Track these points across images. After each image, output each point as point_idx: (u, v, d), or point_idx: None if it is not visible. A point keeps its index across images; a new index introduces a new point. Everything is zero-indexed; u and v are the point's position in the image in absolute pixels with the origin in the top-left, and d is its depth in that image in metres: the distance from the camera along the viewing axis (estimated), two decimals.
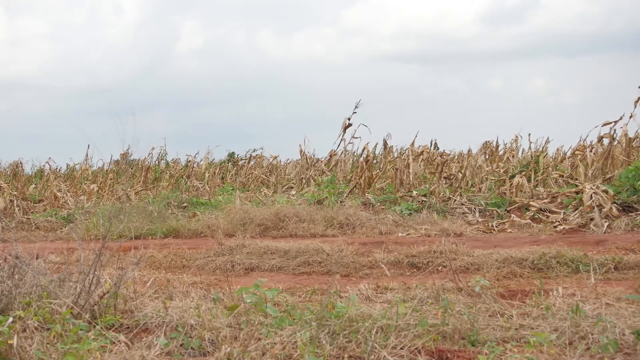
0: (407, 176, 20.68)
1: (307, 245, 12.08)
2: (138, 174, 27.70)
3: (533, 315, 6.90)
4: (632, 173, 16.41)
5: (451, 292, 7.99)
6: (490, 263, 10.54)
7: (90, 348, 5.49)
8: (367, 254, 11.74)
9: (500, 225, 15.80)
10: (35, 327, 6.07)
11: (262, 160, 31.13)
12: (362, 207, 17.69)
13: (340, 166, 25.55)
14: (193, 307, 6.74)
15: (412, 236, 14.31)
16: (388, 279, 9.76)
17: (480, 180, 21.91)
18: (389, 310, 6.57)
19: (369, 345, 5.53)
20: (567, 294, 7.88)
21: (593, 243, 12.48)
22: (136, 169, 28.89)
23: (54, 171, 29.35)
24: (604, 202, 15.45)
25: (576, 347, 5.79)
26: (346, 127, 24.00)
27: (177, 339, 5.89)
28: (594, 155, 21.35)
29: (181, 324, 6.25)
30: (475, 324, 6.38)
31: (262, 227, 15.47)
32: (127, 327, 6.47)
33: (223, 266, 11.27)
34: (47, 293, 6.70)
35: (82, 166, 30.20)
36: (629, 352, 5.67)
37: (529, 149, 26.69)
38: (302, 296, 8.53)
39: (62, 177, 28.89)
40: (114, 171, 28.34)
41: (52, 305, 6.49)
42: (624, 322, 6.34)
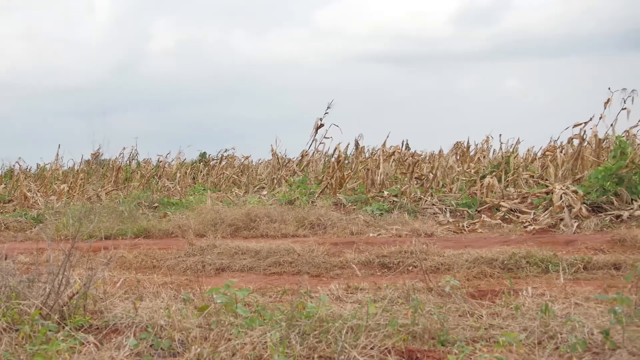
0: (379, 176, 20.71)
1: (278, 246, 12.07)
2: (109, 174, 27.58)
3: (503, 315, 6.93)
4: (602, 174, 16.51)
5: (421, 292, 8.01)
6: (461, 263, 10.57)
7: (59, 349, 5.47)
8: (338, 254, 11.74)
9: (470, 226, 15.86)
10: (4, 328, 6.04)
11: (233, 161, 31.09)
12: (334, 207, 17.70)
13: (312, 166, 25.55)
14: (163, 307, 6.72)
15: (383, 236, 14.33)
16: (359, 279, 9.77)
17: (451, 180, 21.97)
18: (360, 310, 6.59)
19: (339, 346, 5.53)
20: (537, 294, 7.92)
21: (563, 243, 12.54)
22: (107, 169, 28.76)
23: (24, 171, 29.09)
24: (573, 202, 15.54)
25: (545, 346, 5.83)
26: (318, 128, 24.03)
27: (147, 340, 5.87)
28: (564, 156, 21.49)
29: (151, 325, 6.23)
30: (445, 323, 6.40)
31: (233, 227, 15.45)
32: (96, 328, 6.44)
33: (194, 266, 11.24)
34: (15, 294, 6.66)
35: (52, 166, 29.95)
36: (597, 352, 5.71)
37: (499, 150, 26.80)
38: (273, 296, 8.53)
39: (32, 177, 28.69)
40: (85, 171, 28.16)
41: (21, 306, 6.45)
42: (592, 321, 6.38)
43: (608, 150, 20.60)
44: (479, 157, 26.35)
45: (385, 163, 21.87)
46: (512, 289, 8.00)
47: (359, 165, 23.74)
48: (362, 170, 22.12)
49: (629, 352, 5.64)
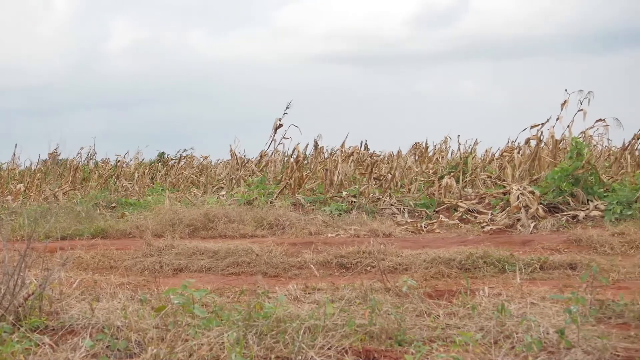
0: (337, 177, 20.73)
1: (236, 246, 12.05)
2: (66, 174, 27.34)
3: (459, 314, 6.98)
4: (558, 174, 16.66)
5: (379, 292, 8.03)
6: (419, 263, 10.61)
7: (14, 350, 5.43)
8: (296, 255, 11.74)
9: (428, 226, 15.92)
10: None
11: (192, 161, 31.02)
12: (292, 207, 17.69)
13: (271, 167, 25.51)
14: (120, 308, 6.69)
15: (342, 236, 14.35)
16: (317, 280, 9.78)
17: (409, 181, 22.04)
18: (317, 310, 6.59)
19: (296, 346, 5.54)
20: (493, 294, 7.98)
21: (519, 243, 12.64)
22: (64, 169, 28.52)
23: None
24: (530, 202, 15.66)
25: (501, 346, 5.87)
26: (277, 128, 24.00)
27: (103, 341, 5.83)
28: (522, 157, 21.65)
29: (107, 326, 6.19)
30: (403, 323, 6.43)
31: (191, 227, 15.39)
32: (52, 329, 6.39)
33: (151, 267, 11.18)
34: None
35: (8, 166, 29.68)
36: (552, 351, 5.76)
37: (458, 151, 26.95)
38: (231, 297, 8.51)
39: None
40: (42, 171, 27.90)
41: None
42: (548, 321, 6.44)
43: (565, 151, 20.78)
44: (438, 157, 26.46)
45: (344, 163, 21.90)
46: (469, 288, 8.06)
47: (318, 165, 23.72)
48: (321, 170, 22.12)
49: (583, 351, 5.69)
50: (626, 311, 7.05)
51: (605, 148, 26.18)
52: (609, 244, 11.89)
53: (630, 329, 6.60)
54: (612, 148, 26.22)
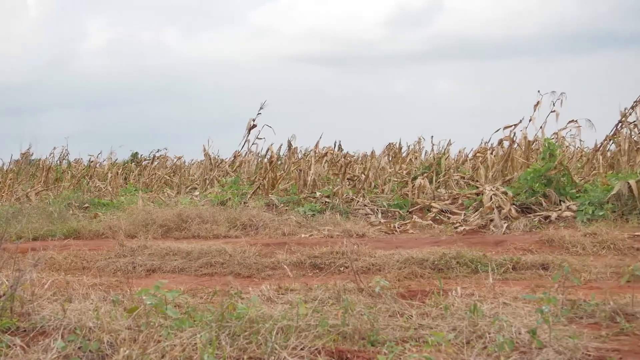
0: (311, 177, 20.73)
1: (209, 247, 12.02)
2: (39, 174, 27.24)
3: (432, 315, 7.00)
4: (531, 175, 16.74)
5: (352, 292, 8.03)
6: (392, 264, 10.63)
7: None
8: (269, 255, 11.73)
9: (402, 226, 15.95)
10: None
11: (165, 161, 30.96)
12: (266, 208, 17.67)
13: (245, 167, 25.52)
14: (92, 309, 6.64)
15: (315, 237, 14.35)
16: (290, 280, 9.78)
17: (383, 181, 22.07)
18: (290, 311, 6.60)
19: (269, 346, 5.54)
20: (466, 294, 8.01)
21: (492, 244, 12.69)
22: (37, 169, 28.39)
23: None
24: (503, 203, 15.72)
25: (473, 346, 5.89)
26: (251, 128, 23.97)
27: (75, 342, 5.80)
28: (495, 158, 21.75)
29: (79, 327, 6.15)
30: (375, 324, 6.44)
31: (164, 228, 15.35)
32: (23, 331, 6.35)
33: (124, 268, 11.14)
34: None
35: None
36: (524, 351, 5.79)
37: (431, 151, 27.00)
38: (204, 297, 8.48)
39: None
40: (14, 171, 27.71)
41: None
42: (520, 321, 6.47)
43: (537, 152, 20.90)
44: (411, 158, 26.51)
45: (317, 164, 21.91)
46: (442, 289, 8.09)
47: (292, 166, 23.71)
48: (295, 171, 22.09)
49: (555, 351, 5.72)
50: (597, 311, 7.10)
51: (578, 149, 26.38)
52: (581, 244, 11.95)
53: (602, 329, 6.64)
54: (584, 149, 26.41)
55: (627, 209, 14.96)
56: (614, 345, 6.12)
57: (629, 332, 6.52)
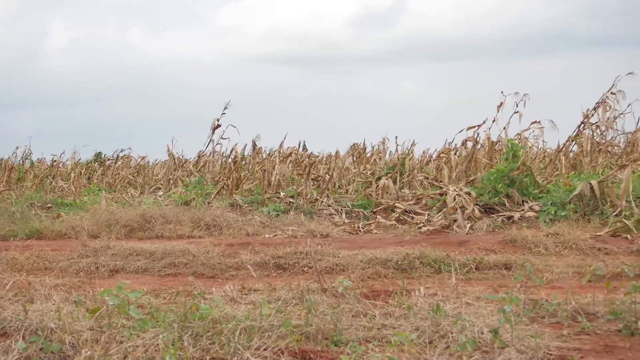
0: (275, 177, 20.72)
1: (173, 247, 11.98)
2: (1, 174, 26.98)
3: (395, 315, 7.02)
4: (494, 175, 16.82)
5: (316, 292, 8.03)
6: (356, 264, 10.64)
7: None
8: (233, 255, 11.72)
9: (366, 227, 15.97)
10: None
11: (129, 161, 30.81)
12: (230, 208, 17.63)
13: (209, 167, 25.46)
14: (54, 310, 6.60)
15: (279, 237, 14.33)
16: (254, 280, 9.77)
17: (347, 182, 22.07)
18: (253, 311, 6.60)
19: (232, 347, 5.53)
20: (429, 294, 8.05)
21: (456, 244, 12.74)
22: None
23: None
24: (466, 203, 15.79)
25: (436, 345, 5.91)
26: (215, 128, 23.92)
27: (37, 343, 5.77)
28: (458, 158, 21.82)
29: (41, 328, 6.11)
30: (339, 324, 6.45)
31: (127, 228, 15.27)
32: None
33: (87, 268, 11.08)
34: None
35: None
36: (486, 350, 5.82)
37: (395, 152, 27.11)
38: (167, 298, 8.45)
39: None
40: None
41: None
42: (482, 320, 6.51)
43: (501, 152, 21.02)
44: (375, 158, 26.59)
45: (282, 164, 21.91)
46: (405, 289, 8.11)
47: (256, 166, 23.69)
48: (259, 171, 22.09)
49: (517, 350, 5.76)
50: (559, 310, 7.16)
51: (541, 150, 26.59)
52: (544, 244, 12.02)
53: (563, 328, 6.70)
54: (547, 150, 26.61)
55: (589, 210, 15.08)
56: (575, 345, 6.17)
57: (590, 332, 6.57)
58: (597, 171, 19.51)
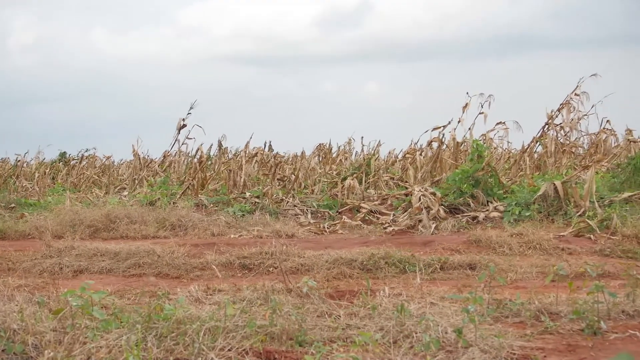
0: (241, 178, 20.70)
1: (138, 247, 11.93)
2: None
3: (360, 315, 7.05)
4: (459, 176, 16.90)
5: (281, 293, 8.05)
6: (321, 264, 10.65)
7: None
8: (198, 256, 11.69)
9: (331, 227, 15.98)
10: None
11: (94, 161, 30.66)
12: (195, 208, 17.59)
13: (174, 167, 25.40)
14: (17, 311, 6.55)
15: (245, 237, 14.31)
16: (219, 281, 9.76)
17: (313, 182, 22.12)
18: (218, 311, 6.58)
19: (196, 347, 5.52)
20: (394, 294, 8.08)
21: (421, 244, 12.78)
22: None
23: None
24: (432, 204, 15.84)
25: (400, 345, 5.94)
26: (181, 128, 23.88)
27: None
28: (424, 159, 21.91)
29: (4, 329, 6.06)
30: (303, 324, 6.46)
31: (92, 228, 15.19)
32: None
33: (51, 269, 11.00)
34: None
35: None
36: (450, 350, 5.85)
37: (361, 152, 27.16)
38: (132, 298, 8.42)
39: None
40: None
41: None
42: (446, 320, 6.54)
43: (466, 153, 21.14)
44: (341, 159, 26.66)
45: (247, 164, 21.90)
46: (370, 289, 8.13)
47: (222, 166, 23.66)
48: (225, 171, 22.06)
49: (480, 350, 5.79)
50: (522, 310, 7.20)
51: (505, 150, 26.75)
52: (508, 244, 12.09)
53: (526, 328, 6.74)
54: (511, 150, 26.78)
55: (553, 210, 15.17)
56: (538, 344, 6.21)
57: (553, 331, 6.62)
58: (561, 172, 19.71)
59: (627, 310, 7.09)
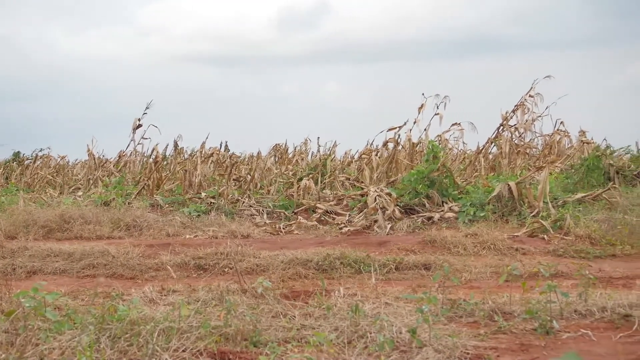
0: (197, 178, 20.63)
1: (92, 248, 11.86)
2: None
3: (315, 315, 7.05)
4: (414, 177, 16.97)
5: (235, 293, 8.04)
6: (276, 264, 10.66)
7: None
8: (153, 256, 11.64)
9: (287, 227, 15.97)
10: None
11: (49, 160, 30.37)
12: (150, 208, 17.51)
13: (130, 167, 25.25)
14: None
15: (200, 238, 14.26)
16: (174, 281, 9.70)
17: (269, 182, 22.11)
18: (172, 312, 6.56)
19: (149, 348, 5.49)
20: (349, 294, 8.09)
21: (376, 244, 12.82)
22: None
23: None
24: (387, 204, 15.88)
25: (355, 345, 5.95)
26: (136, 128, 23.72)
27: None
28: (380, 159, 21.97)
29: None
30: (258, 325, 6.46)
31: (46, 229, 15.05)
32: None
33: (3, 269, 10.89)
34: None
35: None
36: (405, 350, 5.87)
37: (317, 152, 27.17)
38: (85, 299, 8.36)
39: None
40: None
41: None
42: (401, 320, 6.58)
43: (421, 154, 21.22)
44: (297, 159, 26.64)
45: (203, 164, 21.84)
46: (325, 289, 8.15)
47: (178, 166, 23.57)
48: (181, 171, 21.97)
49: (434, 350, 5.82)
50: (476, 310, 7.25)
51: (460, 151, 26.88)
52: (462, 244, 12.17)
53: (480, 327, 6.79)
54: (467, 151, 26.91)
55: (507, 210, 15.29)
56: (491, 344, 6.25)
57: (507, 330, 6.66)
58: (516, 173, 19.84)
59: (580, 309, 7.16)
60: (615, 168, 18.39)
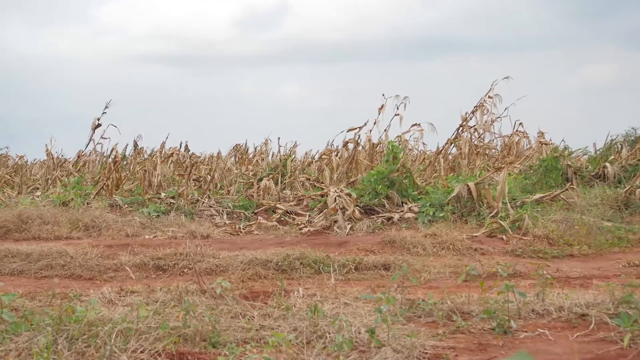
0: (156, 178, 20.55)
1: (50, 248, 11.75)
2: None
3: (274, 315, 7.05)
4: (374, 177, 17.03)
5: (195, 294, 8.01)
6: (236, 265, 10.65)
7: None
8: (112, 257, 11.58)
9: (247, 228, 15.96)
10: None
11: (7, 160, 30.13)
12: (109, 209, 17.40)
13: (89, 167, 25.11)
14: None
15: (159, 238, 14.20)
16: (133, 282, 9.67)
17: (229, 182, 22.07)
18: (131, 313, 6.53)
19: (107, 350, 5.47)
20: (308, 295, 8.09)
21: (336, 245, 12.85)
22: None
23: None
24: (347, 205, 15.92)
25: (314, 346, 5.96)
26: (95, 127, 23.57)
27: None
28: (340, 160, 22.01)
29: None
30: (217, 325, 6.45)
31: (3, 229, 14.91)
32: None
33: None
34: None
35: None
36: (363, 350, 5.89)
37: (278, 153, 27.18)
38: (43, 301, 8.30)
39: None
40: None
41: None
42: (360, 320, 6.60)
43: (381, 154, 21.30)
44: (258, 159, 26.65)
45: (163, 164, 21.75)
46: (285, 289, 8.15)
47: (137, 166, 23.47)
48: (140, 171, 21.87)
49: (393, 350, 5.84)
50: (435, 310, 7.28)
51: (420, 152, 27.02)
52: (422, 245, 12.24)
53: (439, 327, 6.82)
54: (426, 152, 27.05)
55: (467, 211, 15.39)
56: (450, 343, 6.29)
57: (465, 330, 6.71)
58: (475, 173, 19.95)
59: (537, 309, 7.21)
60: (573, 169, 18.63)
